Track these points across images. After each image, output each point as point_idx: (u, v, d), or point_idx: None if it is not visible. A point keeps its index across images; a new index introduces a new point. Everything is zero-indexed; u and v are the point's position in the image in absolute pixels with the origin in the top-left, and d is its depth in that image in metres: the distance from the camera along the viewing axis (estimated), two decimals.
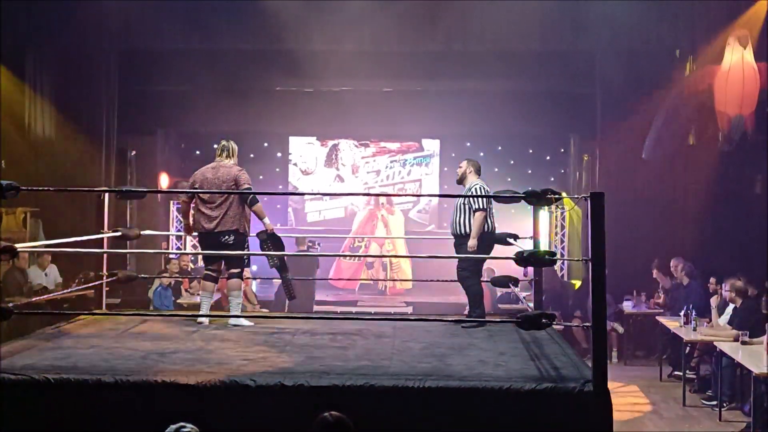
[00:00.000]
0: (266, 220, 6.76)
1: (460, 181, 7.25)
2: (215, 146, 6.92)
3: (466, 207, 6.89)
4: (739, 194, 12.10)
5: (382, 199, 14.72)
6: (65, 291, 9.76)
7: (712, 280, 10.39)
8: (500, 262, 9.67)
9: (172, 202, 15.34)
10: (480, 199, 6.76)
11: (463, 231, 6.90)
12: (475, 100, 14.14)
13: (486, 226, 6.87)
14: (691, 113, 11.79)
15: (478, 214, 6.80)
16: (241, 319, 6.59)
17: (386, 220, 14.53)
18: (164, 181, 14.84)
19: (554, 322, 4.91)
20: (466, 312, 7.70)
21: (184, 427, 3.56)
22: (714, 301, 9.59)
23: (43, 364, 4.92)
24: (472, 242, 6.75)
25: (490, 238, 6.93)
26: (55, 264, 11.36)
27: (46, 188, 5.91)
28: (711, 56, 11.59)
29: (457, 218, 6.97)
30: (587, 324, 4.68)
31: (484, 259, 7.15)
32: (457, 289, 7.29)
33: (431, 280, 7.23)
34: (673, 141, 12.13)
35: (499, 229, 7.19)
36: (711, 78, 11.38)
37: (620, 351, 11.45)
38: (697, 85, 11.64)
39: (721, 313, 9.49)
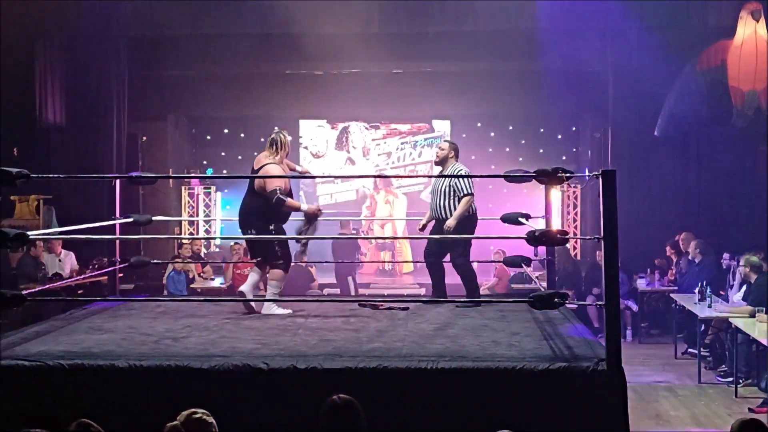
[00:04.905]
0: (303, 207, 6.71)
1: (440, 162, 7.22)
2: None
3: (452, 191, 6.95)
4: (753, 170, 12.02)
5: (379, 183, 14.76)
6: (78, 277, 9.81)
7: (726, 255, 10.33)
8: (512, 242, 9.65)
9: (183, 187, 15.39)
10: (471, 184, 6.89)
11: (447, 215, 6.96)
12: (485, 80, 14.10)
13: (470, 209, 6.97)
14: (704, 89, 11.68)
15: (467, 198, 6.89)
16: (274, 308, 6.41)
17: (390, 202, 14.58)
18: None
19: (567, 301, 4.89)
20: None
21: (195, 413, 3.58)
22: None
23: (57, 350, 4.94)
24: (452, 222, 6.85)
25: (474, 222, 7.05)
26: (70, 251, 11.41)
27: (56, 176, 5.91)
28: (723, 31, 11.48)
29: (441, 202, 7.01)
30: (600, 303, 4.65)
31: (470, 243, 7.19)
32: None
33: (446, 262, 7.22)
34: (686, 118, 12.04)
35: (512, 208, 7.18)
36: (724, 53, 11.26)
37: (635, 329, 11.42)
38: (710, 61, 11.53)
39: (737, 289, 9.46)
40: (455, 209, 6.91)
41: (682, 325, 10.60)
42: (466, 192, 6.90)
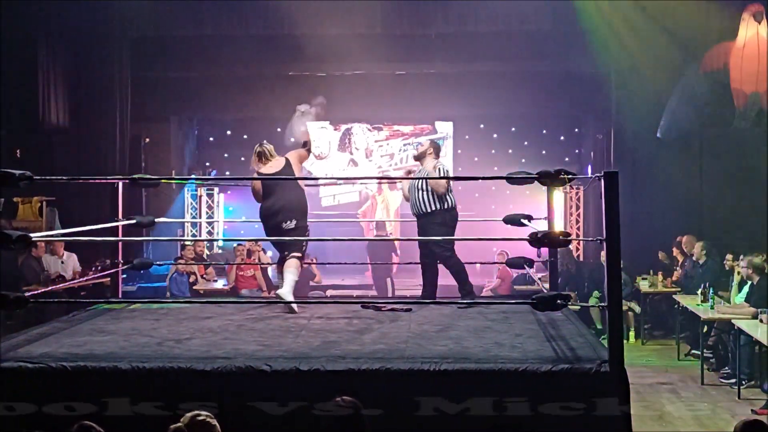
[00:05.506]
0: None
1: (419, 158, 7.31)
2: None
3: (427, 185, 7.00)
4: (755, 172, 12.02)
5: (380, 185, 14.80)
6: (81, 279, 9.81)
7: (729, 256, 10.33)
8: (515, 243, 9.64)
9: (186, 189, 15.40)
10: (443, 174, 7.10)
11: (425, 209, 7.02)
12: (488, 82, 14.10)
13: (449, 202, 7.02)
14: (707, 91, 11.68)
15: (436, 165, 7.08)
16: (289, 294, 6.56)
17: (387, 202, 14.57)
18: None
19: (570, 303, 4.89)
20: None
21: (198, 415, 3.57)
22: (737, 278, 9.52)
23: (60, 352, 4.93)
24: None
25: (454, 215, 7.10)
26: (73, 252, 11.42)
27: (59, 178, 5.89)
28: (726, 33, 11.48)
29: (419, 196, 7.05)
30: (603, 305, 4.65)
31: (453, 236, 7.24)
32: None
33: (442, 263, 7.23)
34: (688, 119, 12.04)
35: (514, 210, 7.18)
36: (726, 55, 11.26)
37: (637, 330, 11.41)
38: (713, 63, 11.53)
39: (738, 290, 9.45)
40: (432, 204, 6.97)
41: (685, 327, 10.59)
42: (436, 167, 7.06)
